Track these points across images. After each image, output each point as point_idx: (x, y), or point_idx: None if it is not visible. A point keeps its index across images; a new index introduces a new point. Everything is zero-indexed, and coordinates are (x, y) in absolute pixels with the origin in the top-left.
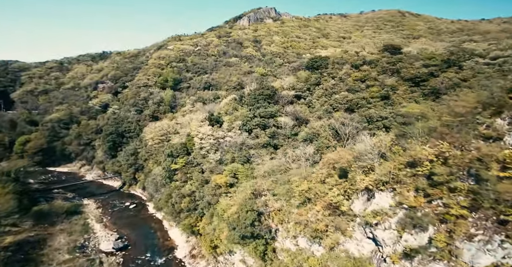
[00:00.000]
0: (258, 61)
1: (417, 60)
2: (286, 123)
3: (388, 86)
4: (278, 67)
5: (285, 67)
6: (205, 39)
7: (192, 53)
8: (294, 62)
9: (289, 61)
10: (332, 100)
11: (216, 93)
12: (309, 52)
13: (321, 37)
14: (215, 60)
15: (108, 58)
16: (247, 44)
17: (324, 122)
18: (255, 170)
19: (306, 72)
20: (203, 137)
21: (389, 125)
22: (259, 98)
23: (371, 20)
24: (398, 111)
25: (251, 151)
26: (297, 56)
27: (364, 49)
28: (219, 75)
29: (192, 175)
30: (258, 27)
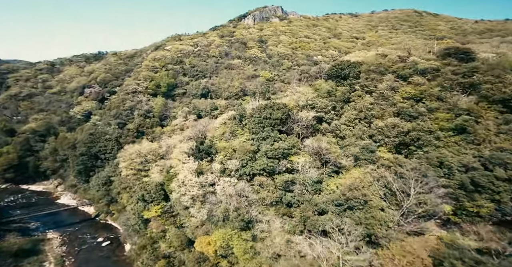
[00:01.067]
0: (263, 63)
1: (505, 70)
2: (306, 167)
3: (463, 110)
4: (286, 70)
5: (294, 70)
6: (207, 39)
7: (191, 54)
8: (304, 65)
9: (299, 63)
10: (373, 129)
11: (213, 103)
12: (320, 54)
13: (332, 37)
14: (216, 62)
15: (103, 59)
16: (251, 44)
17: (367, 171)
18: (260, 245)
19: (328, 82)
20: (185, 181)
21: (485, 184)
22: (265, 124)
23: (385, 19)
24: (493, 156)
25: (253, 211)
26: (308, 58)
27: (410, 53)
28: (219, 79)
29: (170, 231)
30: (263, 26)
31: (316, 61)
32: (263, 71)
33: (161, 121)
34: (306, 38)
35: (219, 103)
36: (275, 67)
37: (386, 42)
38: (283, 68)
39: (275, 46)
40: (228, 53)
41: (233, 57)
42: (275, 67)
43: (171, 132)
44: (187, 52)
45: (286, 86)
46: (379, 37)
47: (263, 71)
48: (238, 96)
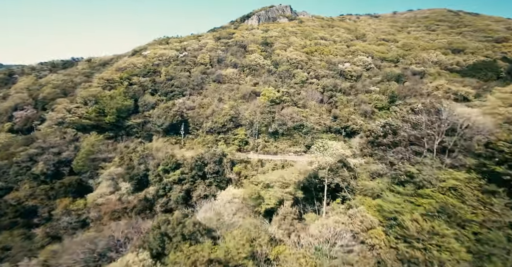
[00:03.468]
0: (267, 74)
1: None
2: None
3: None
4: (300, 85)
5: (313, 86)
6: (199, 41)
7: (173, 61)
8: (327, 76)
9: (318, 74)
10: None
11: (172, 156)
12: (347, 60)
13: (354, 39)
14: (202, 72)
15: (74, 66)
16: (252, 48)
17: None
18: None
19: None
20: None
21: None
22: None
23: (413, 20)
24: None
25: None
26: (330, 66)
27: None
28: (201, 99)
29: None
30: (269, 27)
31: (343, 70)
32: (266, 88)
33: (84, 183)
34: (323, 40)
35: (185, 155)
36: (284, 79)
37: (428, 45)
38: (295, 82)
39: (283, 50)
40: (221, 59)
41: (227, 65)
42: (283, 80)
43: None
44: (167, 59)
45: (301, 112)
46: (416, 39)
47: (266, 87)
48: (227, 129)
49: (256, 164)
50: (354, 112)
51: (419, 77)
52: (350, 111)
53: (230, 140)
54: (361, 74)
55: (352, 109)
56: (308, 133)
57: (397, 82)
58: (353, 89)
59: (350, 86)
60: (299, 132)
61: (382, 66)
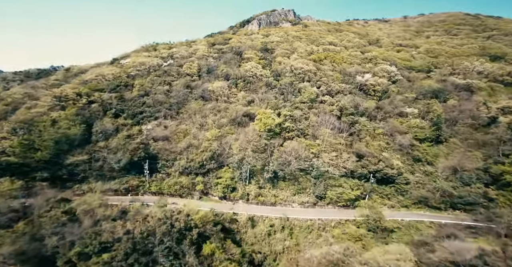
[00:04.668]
0: (265, 88)
1: None
2: None
3: None
4: (309, 105)
5: (325, 106)
6: (190, 48)
7: (153, 72)
8: (343, 92)
9: (331, 89)
10: None
11: (97, 240)
12: (366, 70)
13: (367, 44)
14: (186, 86)
15: (50, 75)
16: (249, 55)
17: None
18: None
19: None
20: None
21: None
22: None
23: (429, 24)
24: None
25: None
26: (345, 78)
27: None
28: (177, 124)
29: None
30: (270, 31)
31: (364, 83)
32: (263, 109)
33: None
34: (332, 45)
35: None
36: (287, 96)
37: (457, 51)
38: (302, 100)
39: (285, 57)
40: (212, 69)
41: (217, 76)
42: (286, 97)
43: None
44: (147, 69)
45: (311, 146)
46: (439, 44)
47: (264, 108)
48: (207, 170)
49: (245, 225)
50: (387, 148)
51: (466, 93)
52: (380, 146)
53: (212, 184)
54: (388, 88)
55: (384, 142)
56: (319, 178)
57: (437, 98)
58: (380, 111)
59: (377, 106)
60: (307, 175)
61: (411, 77)
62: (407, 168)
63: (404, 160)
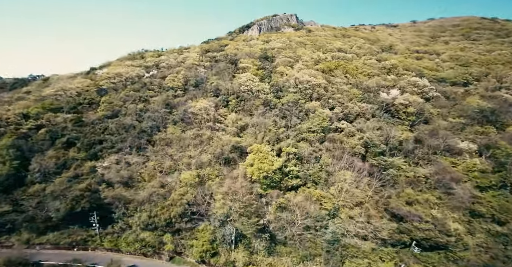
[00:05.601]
0: (263, 108)
1: None
2: None
3: None
4: (320, 135)
5: (342, 138)
6: (180, 55)
7: (129, 85)
8: (364, 115)
9: (348, 113)
10: None
11: None
12: (389, 82)
13: (380, 51)
14: (165, 103)
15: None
16: (245, 64)
17: None
18: None
19: None
20: None
21: None
22: None
23: (442, 28)
24: None
25: None
26: (366, 95)
27: None
28: (145, 160)
29: None
30: (271, 37)
31: (391, 102)
32: (257, 144)
33: None
34: (342, 52)
35: None
36: (290, 119)
37: (489, 58)
38: (310, 128)
39: (288, 67)
40: (200, 81)
41: (205, 91)
42: (289, 122)
43: None
44: (123, 81)
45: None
46: (462, 50)
47: (258, 140)
48: (176, 229)
49: None
50: (439, 204)
51: None
52: (429, 201)
53: (186, 244)
54: (423, 109)
55: (433, 195)
56: (335, 243)
57: (491, 123)
58: (421, 147)
59: (415, 139)
60: (318, 238)
61: (447, 92)
62: (464, 227)
63: (460, 216)
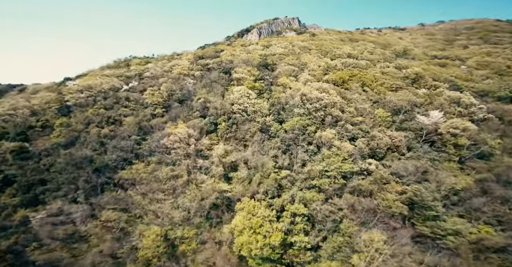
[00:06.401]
0: (260, 135)
1: None
2: None
3: None
4: (341, 183)
5: (372, 187)
6: (168, 62)
7: (101, 100)
8: (398, 149)
9: (378, 146)
10: None
11: None
12: (419, 98)
13: (394, 56)
14: (138, 127)
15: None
16: (240, 74)
17: None
18: None
19: None
20: None
21: None
22: None
23: (455, 31)
24: None
25: None
26: (394, 118)
27: None
28: (98, 220)
29: None
30: (272, 42)
31: (435, 130)
32: (249, 201)
33: None
34: (352, 58)
35: None
36: (296, 155)
37: None
38: (325, 173)
39: (292, 78)
40: (185, 96)
41: (191, 109)
42: (294, 158)
43: None
44: (94, 95)
45: None
46: (489, 55)
47: (251, 195)
48: None
49: None
50: None
51: None
52: None
53: None
54: (477, 139)
55: None
56: None
57: None
58: (488, 199)
59: (481, 190)
60: None
61: (496, 110)
62: None
63: None
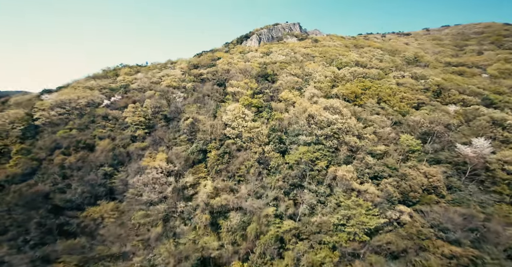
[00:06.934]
0: (257, 164)
1: None
2: None
3: None
4: (362, 239)
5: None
6: (159, 72)
7: (75, 118)
8: (435, 191)
9: (412, 187)
10: None
11: None
12: (452, 118)
13: (405, 64)
14: (113, 154)
15: None
16: (235, 88)
17: None
18: None
19: None
20: None
21: None
22: None
23: (463, 36)
24: None
25: None
26: (429, 146)
27: None
28: None
29: None
30: (272, 48)
31: (483, 163)
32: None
33: None
34: (361, 67)
35: None
36: (302, 201)
37: None
38: (344, 227)
39: (295, 92)
40: (172, 114)
41: (177, 130)
42: (301, 203)
43: None
44: (68, 112)
45: None
46: (508, 61)
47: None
48: None
49: None
50: None
51: None
52: None
53: None
54: None
55: None
56: None
57: None
58: None
59: None
60: None
61: None
62: None
63: None
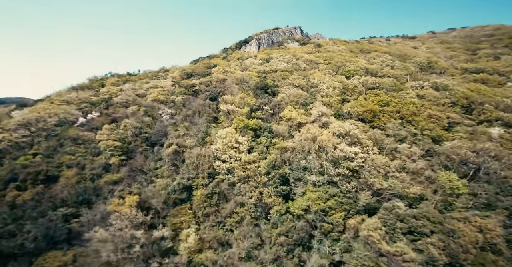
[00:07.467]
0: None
1: None
2: None
3: None
4: None
5: None
6: (147, 83)
7: (42, 141)
8: (497, 244)
9: (460, 249)
10: None
11: None
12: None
13: (418, 70)
14: (83, 189)
15: None
16: (229, 105)
17: None
18: None
19: None
20: None
21: None
22: None
23: (472, 39)
24: None
25: None
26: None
27: None
28: None
29: None
30: (272, 54)
31: None
32: None
33: None
34: (372, 76)
35: None
36: None
37: None
38: None
39: (300, 109)
40: (156, 136)
41: (157, 159)
42: None
43: None
44: (34, 134)
45: None
46: None
47: None
48: None
49: None
50: None
51: None
52: None
53: None
54: None
55: None
56: None
57: None
58: None
59: None
60: None
61: None
62: None
63: None
